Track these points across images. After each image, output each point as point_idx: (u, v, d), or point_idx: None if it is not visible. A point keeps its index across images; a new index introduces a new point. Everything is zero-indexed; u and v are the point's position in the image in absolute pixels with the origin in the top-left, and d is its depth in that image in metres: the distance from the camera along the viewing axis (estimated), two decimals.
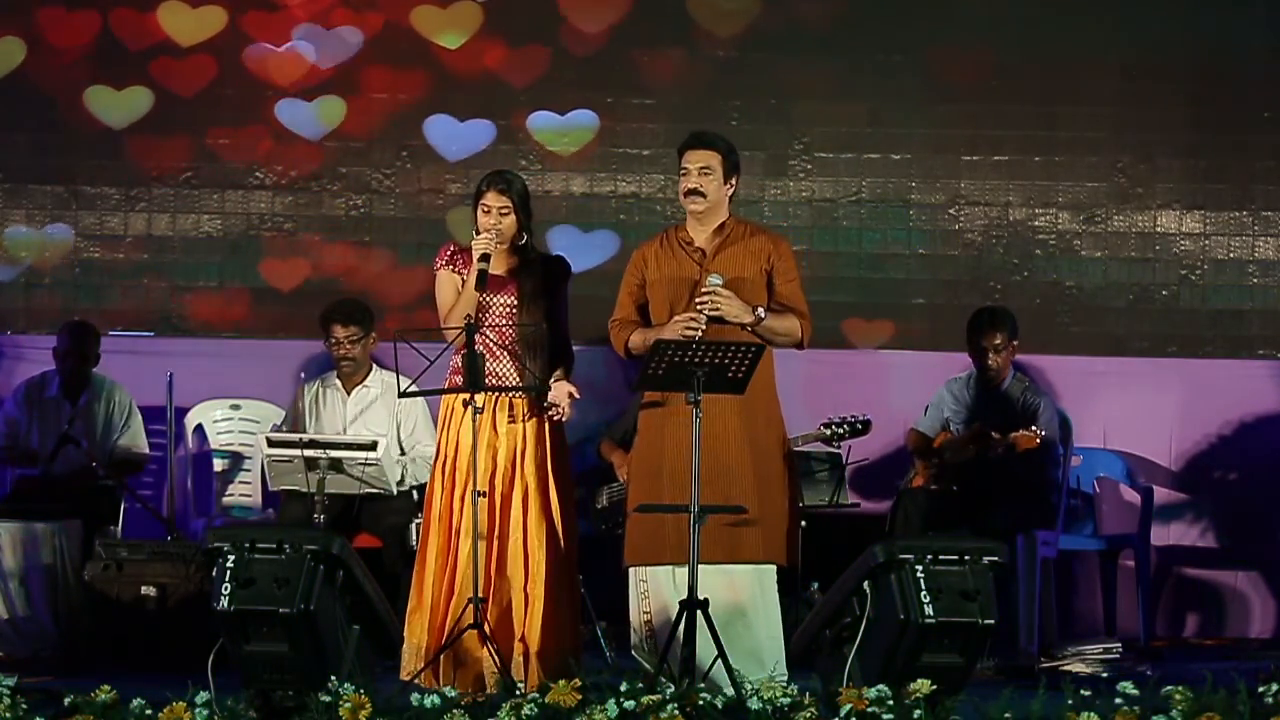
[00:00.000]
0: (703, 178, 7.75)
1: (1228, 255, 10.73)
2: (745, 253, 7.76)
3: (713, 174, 7.76)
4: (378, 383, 9.45)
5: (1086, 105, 10.67)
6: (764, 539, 7.60)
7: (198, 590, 8.52)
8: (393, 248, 10.69)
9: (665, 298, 7.76)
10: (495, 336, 7.88)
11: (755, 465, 7.63)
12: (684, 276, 7.74)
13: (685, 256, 7.78)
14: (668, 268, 7.79)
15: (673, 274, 7.76)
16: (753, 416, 7.66)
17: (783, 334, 7.73)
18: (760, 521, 7.58)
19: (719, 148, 7.79)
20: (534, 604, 7.78)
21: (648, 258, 7.85)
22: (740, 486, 7.58)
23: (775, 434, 7.76)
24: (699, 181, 7.75)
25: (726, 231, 7.80)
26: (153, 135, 10.65)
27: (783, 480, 7.73)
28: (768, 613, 7.66)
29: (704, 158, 7.77)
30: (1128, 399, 10.36)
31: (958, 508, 9.28)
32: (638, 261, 7.88)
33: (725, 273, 7.67)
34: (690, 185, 7.76)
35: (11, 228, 10.61)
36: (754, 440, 7.65)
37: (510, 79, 10.69)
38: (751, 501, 7.57)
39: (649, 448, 7.69)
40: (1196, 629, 10.39)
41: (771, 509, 7.65)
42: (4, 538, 8.86)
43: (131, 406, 9.75)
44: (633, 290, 7.86)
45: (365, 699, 6.73)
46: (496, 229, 7.84)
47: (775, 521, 7.66)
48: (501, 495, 7.83)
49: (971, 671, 7.22)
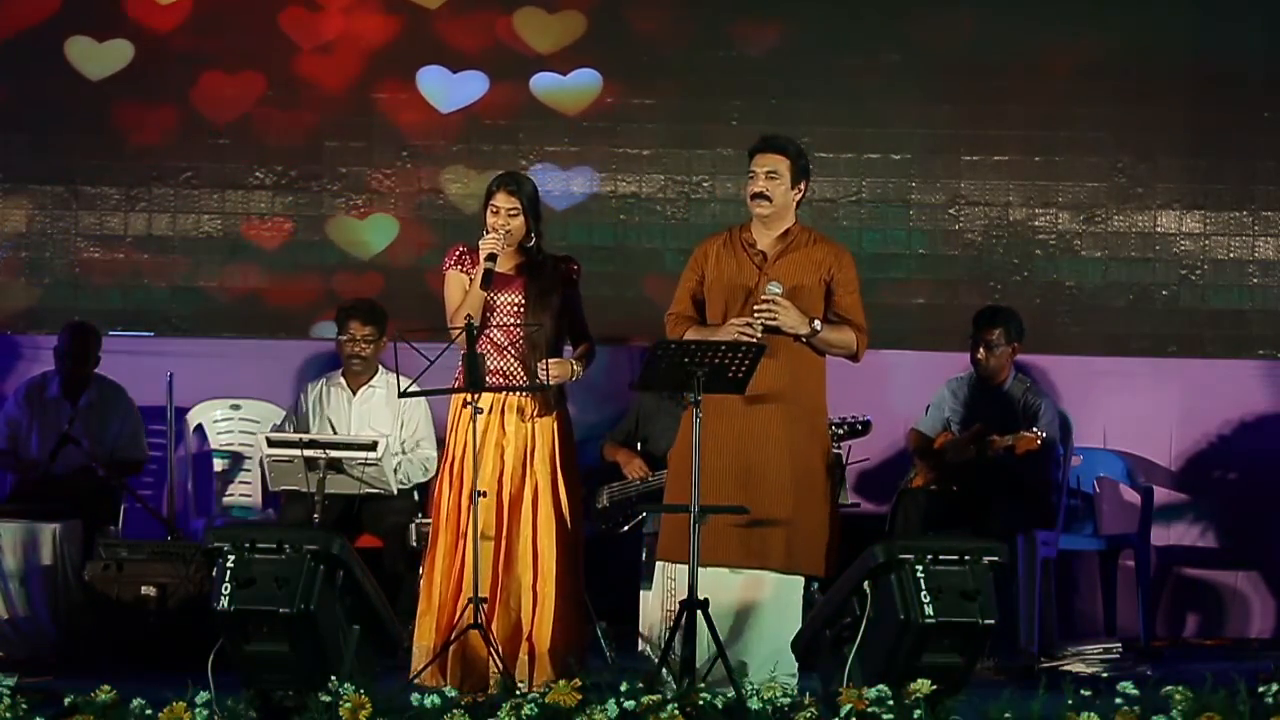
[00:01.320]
0: (769, 182, 7.73)
1: (1228, 255, 10.73)
2: (807, 261, 7.75)
3: (779, 178, 7.74)
4: (383, 384, 9.46)
5: (1086, 105, 10.67)
6: (798, 549, 7.61)
7: (198, 590, 8.53)
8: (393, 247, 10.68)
9: (721, 298, 7.75)
10: (502, 336, 7.89)
11: (795, 472, 7.63)
12: (743, 279, 7.72)
13: (746, 259, 7.76)
14: (728, 268, 7.76)
15: (732, 275, 7.74)
16: (796, 423, 7.66)
17: (838, 345, 7.73)
18: (796, 531, 7.59)
19: (788, 152, 7.76)
20: (543, 603, 7.78)
21: (709, 255, 7.83)
22: (776, 492, 7.59)
23: (819, 443, 7.75)
24: (765, 185, 7.73)
25: (791, 238, 7.78)
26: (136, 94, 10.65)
27: (824, 491, 7.72)
28: (790, 620, 7.66)
29: (772, 161, 7.75)
30: (1128, 399, 10.36)
31: (958, 508, 9.28)
32: (699, 257, 7.86)
33: (785, 280, 7.65)
34: (756, 189, 7.73)
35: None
36: (795, 447, 7.64)
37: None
38: (787, 509, 7.58)
39: (690, 448, 7.65)
40: (1196, 629, 10.39)
41: (809, 519, 7.64)
42: (4, 538, 8.86)
43: (131, 407, 9.75)
44: (691, 286, 7.84)
45: (365, 699, 6.73)
46: (505, 230, 7.86)
47: (812, 531, 7.66)
48: (511, 494, 7.83)
49: (971, 671, 7.22)
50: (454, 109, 10.69)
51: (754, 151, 7.79)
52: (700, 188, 10.70)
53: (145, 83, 10.65)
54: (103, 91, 10.64)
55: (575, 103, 10.69)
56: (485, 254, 7.80)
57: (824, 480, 7.73)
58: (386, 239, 10.66)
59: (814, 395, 7.73)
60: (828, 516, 7.71)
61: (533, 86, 10.66)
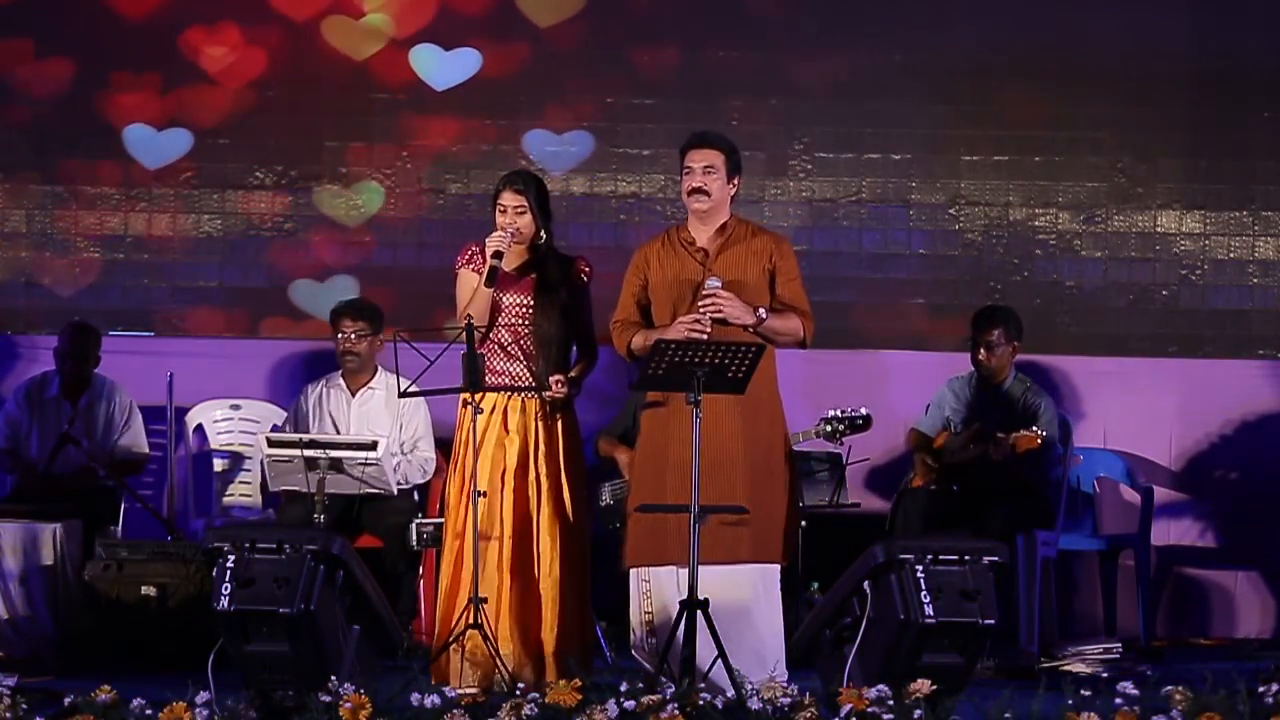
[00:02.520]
0: (707, 176, 7.75)
1: (1228, 255, 10.73)
2: (747, 253, 7.76)
3: (716, 173, 7.76)
4: (382, 385, 9.45)
5: (1086, 105, 10.67)
6: (758, 539, 7.59)
7: (198, 590, 8.52)
8: (393, 248, 10.69)
9: (668, 299, 7.75)
10: (509, 336, 7.90)
11: (753, 463, 7.62)
12: (687, 278, 7.73)
13: (688, 256, 7.77)
14: (670, 269, 7.78)
15: (675, 275, 7.75)
16: (755, 415, 7.65)
17: (785, 333, 7.73)
18: (755, 521, 7.57)
19: (722, 147, 7.79)
20: (548, 603, 7.78)
21: (650, 259, 7.85)
22: (737, 484, 7.57)
23: (777, 433, 7.75)
24: (703, 180, 7.75)
25: (729, 231, 7.80)
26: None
27: (782, 479, 7.71)
28: (770, 612, 7.64)
29: (708, 157, 7.77)
30: (1128, 399, 10.36)
31: (958, 508, 9.28)
32: (639, 262, 7.88)
33: (727, 273, 7.67)
34: (695, 184, 7.75)
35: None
36: (753, 438, 7.64)
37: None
38: (747, 500, 7.56)
39: (652, 447, 7.67)
40: (1196, 629, 10.39)
41: (767, 508, 7.62)
42: (4, 538, 8.85)
43: (132, 407, 9.75)
44: (635, 291, 7.85)
45: (365, 699, 6.73)
46: (514, 228, 7.86)
47: (771, 521, 7.63)
48: (515, 493, 7.84)
49: (971, 671, 7.22)
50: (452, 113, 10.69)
51: (688, 147, 7.80)
52: None
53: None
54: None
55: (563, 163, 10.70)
56: (491, 252, 7.81)
57: (783, 467, 7.71)
58: (376, 204, 10.64)
59: (768, 384, 7.70)
60: (787, 504, 7.69)
61: (525, 142, 10.67)
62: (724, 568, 7.52)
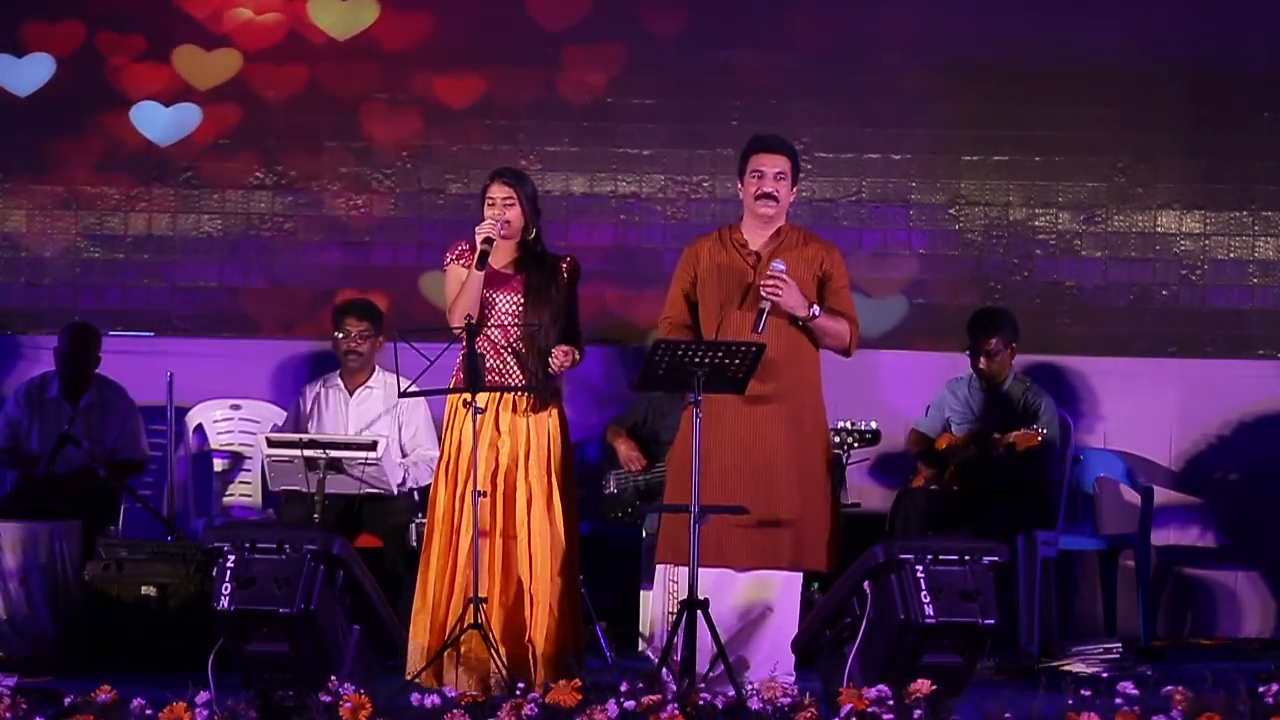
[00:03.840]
0: (778, 183, 7.75)
1: (1228, 255, 10.73)
2: (799, 259, 7.75)
3: (785, 179, 7.77)
4: (380, 384, 9.46)
5: (1086, 105, 10.67)
6: (805, 545, 7.63)
7: (198, 590, 8.52)
8: (393, 248, 10.68)
9: (717, 298, 7.75)
10: (499, 335, 7.90)
11: (800, 470, 7.65)
12: (737, 277, 7.73)
13: (739, 258, 7.76)
14: (721, 266, 7.76)
15: (726, 274, 7.74)
16: (800, 421, 7.68)
17: (832, 335, 7.75)
18: (802, 527, 7.62)
19: (790, 154, 7.81)
20: (539, 604, 7.79)
21: (700, 253, 7.83)
22: (784, 491, 7.61)
23: (821, 440, 7.79)
24: (775, 186, 7.74)
25: (782, 237, 7.80)
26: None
27: (825, 486, 7.75)
28: (790, 616, 7.69)
29: (779, 163, 7.77)
30: (1128, 399, 10.37)
31: (958, 508, 9.28)
32: (690, 256, 7.86)
33: None
34: (766, 189, 7.74)
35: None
36: (799, 445, 7.67)
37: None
38: (794, 506, 7.61)
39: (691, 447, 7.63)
40: (1196, 629, 10.39)
41: (814, 514, 7.67)
42: (4, 538, 8.85)
43: (132, 407, 9.75)
44: (685, 286, 7.83)
45: (365, 699, 6.73)
46: (503, 219, 7.87)
47: (818, 527, 7.68)
48: (505, 494, 7.84)
49: (971, 671, 7.22)
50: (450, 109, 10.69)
51: (756, 150, 7.78)
52: (700, 188, 10.70)
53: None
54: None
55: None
56: (481, 238, 7.81)
57: (825, 475, 7.75)
58: (369, 18, 10.60)
59: (813, 391, 7.76)
60: (830, 510, 7.73)
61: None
62: (754, 573, 7.58)
